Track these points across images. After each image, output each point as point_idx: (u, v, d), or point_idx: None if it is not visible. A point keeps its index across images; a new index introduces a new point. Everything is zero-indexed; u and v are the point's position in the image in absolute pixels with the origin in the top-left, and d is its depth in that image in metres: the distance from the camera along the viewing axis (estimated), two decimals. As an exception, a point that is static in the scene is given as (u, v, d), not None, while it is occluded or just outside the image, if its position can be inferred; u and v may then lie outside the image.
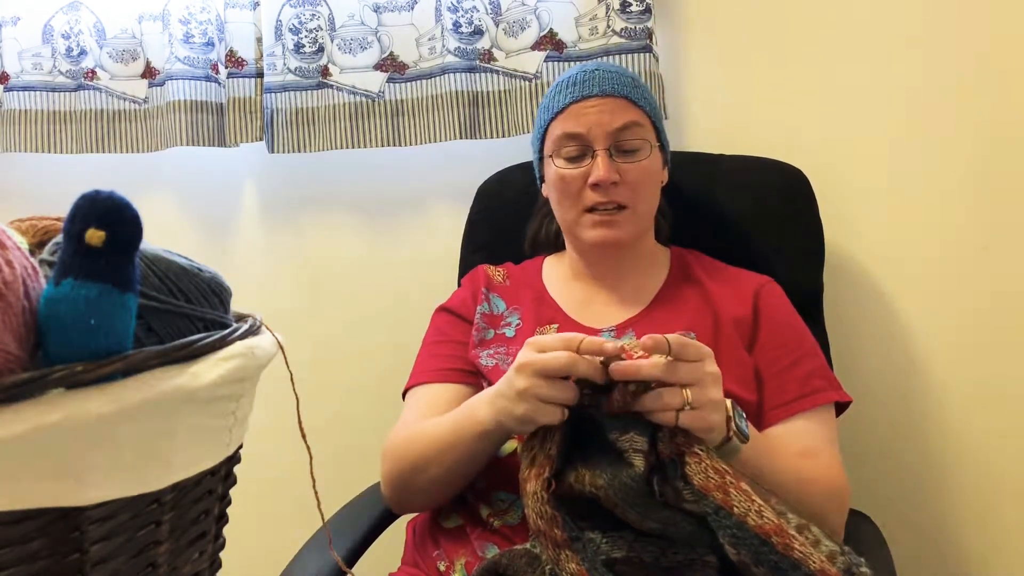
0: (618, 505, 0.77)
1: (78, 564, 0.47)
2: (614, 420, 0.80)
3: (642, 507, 0.77)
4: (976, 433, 1.32)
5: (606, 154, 1.05)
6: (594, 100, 1.06)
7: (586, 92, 1.07)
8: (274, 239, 1.61)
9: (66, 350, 0.46)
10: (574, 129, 1.06)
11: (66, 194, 0.49)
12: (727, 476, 0.75)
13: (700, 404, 0.79)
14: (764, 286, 1.10)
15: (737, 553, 0.73)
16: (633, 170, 1.06)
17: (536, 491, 0.77)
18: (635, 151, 1.07)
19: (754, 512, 0.73)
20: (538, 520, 0.76)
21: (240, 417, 0.56)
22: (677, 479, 0.76)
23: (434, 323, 1.17)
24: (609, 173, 1.04)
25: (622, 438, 0.78)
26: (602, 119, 1.06)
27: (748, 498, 0.73)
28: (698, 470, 0.75)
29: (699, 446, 0.77)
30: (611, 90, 1.07)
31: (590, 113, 1.06)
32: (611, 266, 1.12)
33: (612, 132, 1.05)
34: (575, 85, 1.08)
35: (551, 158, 1.09)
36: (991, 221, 1.28)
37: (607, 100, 1.07)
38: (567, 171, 1.07)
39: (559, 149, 1.08)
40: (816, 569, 0.70)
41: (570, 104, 1.07)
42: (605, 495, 0.77)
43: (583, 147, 1.06)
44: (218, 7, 1.49)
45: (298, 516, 0.93)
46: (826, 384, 1.03)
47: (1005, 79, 1.26)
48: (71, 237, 0.47)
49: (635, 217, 1.08)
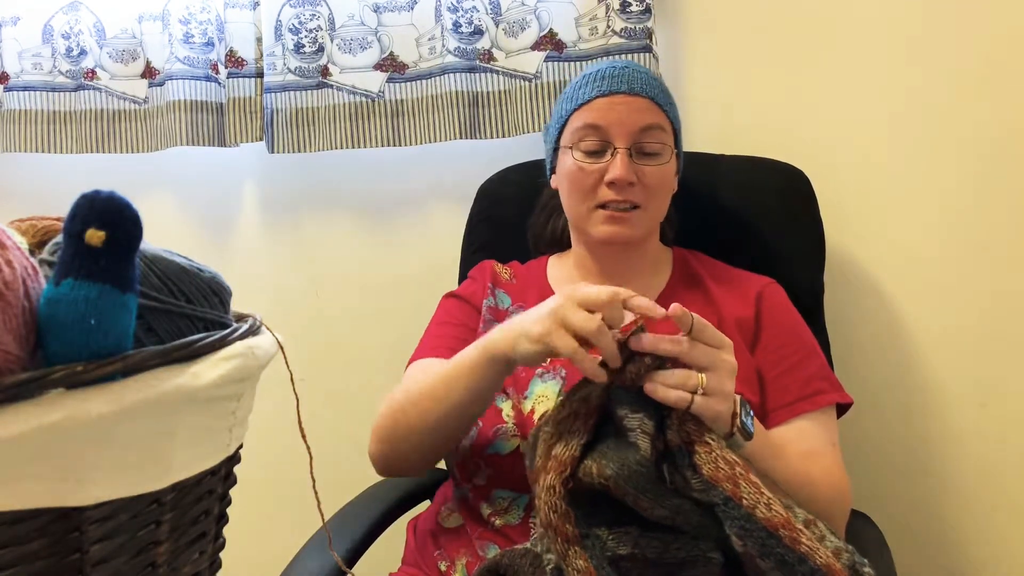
0: (629, 493, 0.75)
1: (78, 564, 0.47)
2: (625, 395, 0.78)
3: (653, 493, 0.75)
4: (976, 433, 1.32)
5: (626, 153, 1.04)
6: (621, 97, 1.05)
7: (615, 87, 1.06)
8: (274, 239, 1.61)
9: (66, 350, 0.46)
10: (598, 122, 1.05)
11: (66, 194, 0.49)
12: (737, 467, 0.74)
13: (712, 391, 0.77)
14: (767, 287, 1.10)
15: (743, 545, 0.72)
16: (652, 173, 1.05)
17: (553, 484, 0.76)
18: (655, 155, 1.06)
19: (763, 504, 0.72)
20: (551, 513, 0.75)
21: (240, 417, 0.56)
22: (686, 467, 0.75)
23: (442, 306, 1.17)
24: (627, 173, 1.03)
25: (632, 415, 0.77)
26: (628, 117, 1.04)
27: (757, 490, 0.73)
28: (708, 460, 0.74)
29: (710, 435, 0.76)
30: (640, 90, 1.06)
31: (617, 109, 1.05)
32: (616, 265, 1.12)
33: (636, 132, 1.04)
34: (604, 79, 1.07)
35: (569, 149, 1.07)
36: (991, 221, 1.28)
37: (635, 99, 1.05)
38: (585, 164, 1.05)
39: (579, 141, 1.06)
40: (822, 564, 0.70)
41: (596, 97, 1.06)
42: (615, 484, 0.75)
43: (603, 142, 1.05)
44: (218, 7, 1.49)
45: (298, 516, 0.93)
46: (828, 386, 1.03)
47: (1005, 79, 1.26)
48: (71, 237, 0.46)
49: (647, 219, 1.07)
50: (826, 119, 1.34)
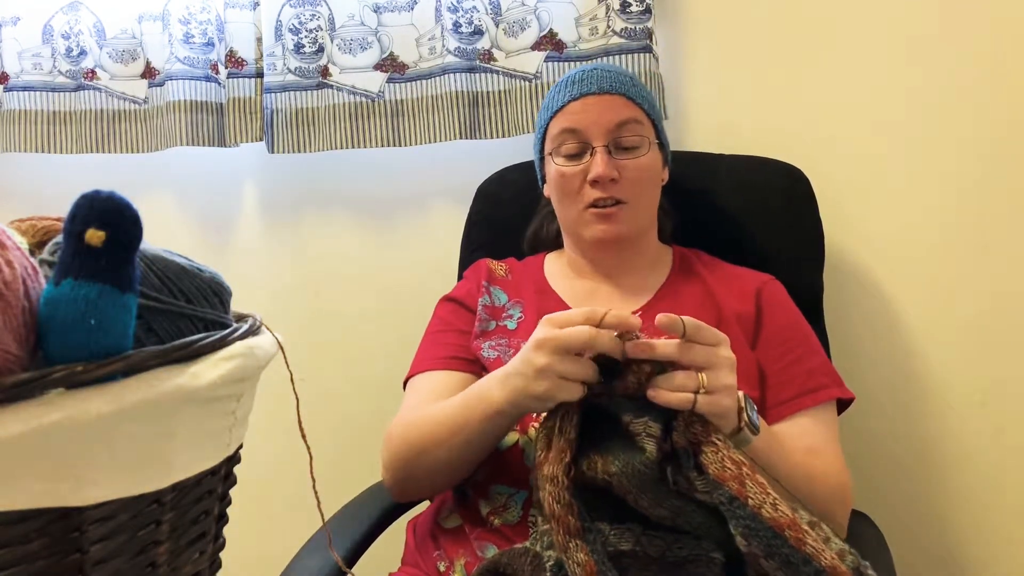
0: (631, 492, 0.76)
1: (78, 564, 0.47)
2: (629, 402, 0.78)
3: (654, 493, 0.76)
4: (976, 433, 1.32)
5: (604, 151, 1.06)
6: (592, 98, 1.08)
7: (584, 90, 1.08)
8: (274, 239, 1.61)
9: (66, 350, 0.46)
10: (574, 125, 1.07)
11: (66, 194, 0.49)
12: (743, 467, 0.74)
13: (715, 388, 0.77)
14: (767, 283, 1.10)
15: (748, 544, 0.72)
16: (632, 167, 1.07)
17: (556, 475, 0.76)
18: (634, 148, 1.07)
19: (769, 504, 0.72)
20: (555, 504, 0.75)
21: (240, 417, 0.56)
22: (690, 469, 0.75)
23: (437, 313, 1.17)
24: (607, 169, 1.05)
25: (636, 421, 0.77)
26: (600, 116, 1.06)
27: (763, 490, 0.73)
28: (714, 459, 0.74)
29: (716, 435, 0.76)
30: (609, 88, 1.08)
31: (589, 110, 1.07)
32: (612, 263, 1.12)
33: (610, 129, 1.06)
34: (574, 84, 1.10)
35: (551, 156, 1.10)
36: (991, 221, 1.28)
37: (605, 97, 1.08)
38: (567, 168, 1.08)
39: (558, 147, 1.09)
40: (827, 565, 0.70)
41: (569, 102, 1.09)
42: (618, 482, 0.76)
43: (582, 144, 1.07)
44: (218, 7, 1.49)
45: (298, 516, 0.93)
46: (829, 381, 1.03)
47: (1006, 79, 1.26)
48: (71, 237, 0.46)
49: (634, 213, 1.08)
50: (826, 119, 1.34)
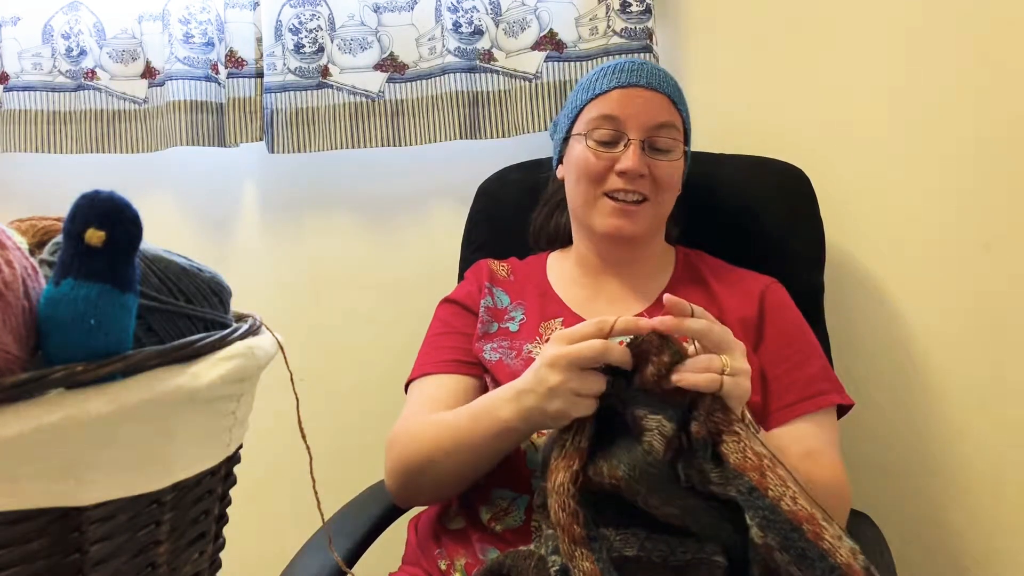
0: (640, 492, 0.75)
1: (78, 564, 0.47)
2: (645, 397, 0.78)
3: (665, 491, 0.75)
4: (976, 433, 1.32)
5: (639, 145, 1.05)
6: (639, 90, 1.07)
7: (634, 80, 1.07)
8: (274, 239, 1.61)
9: (66, 350, 0.46)
10: (614, 112, 1.06)
11: (66, 194, 0.49)
12: (764, 459, 0.74)
13: (736, 371, 0.78)
14: (769, 287, 1.10)
15: (764, 536, 0.71)
16: (663, 167, 1.06)
17: (564, 483, 0.76)
18: (667, 151, 1.07)
19: (788, 497, 0.72)
20: (560, 512, 0.75)
21: (240, 417, 0.56)
22: (706, 460, 0.75)
23: (438, 315, 1.17)
24: (640, 164, 1.04)
25: (651, 416, 0.76)
26: (644, 110, 1.06)
27: (783, 483, 0.73)
28: (735, 448, 0.74)
29: (738, 424, 0.76)
30: (657, 85, 1.07)
31: (633, 101, 1.06)
32: (618, 260, 1.12)
33: (651, 126, 1.06)
34: (623, 72, 1.08)
35: (582, 136, 1.08)
36: (992, 221, 1.28)
37: (653, 94, 1.07)
38: (596, 152, 1.06)
39: (592, 130, 1.07)
40: (842, 563, 0.69)
41: (615, 88, 1.07)
42: (626, 484, 0.75)
43: (617, 133, 1.06)
44: (218, 7, 1.49)
45: (298, 516, 0.93)
46: (829, 387, 1.03)
47: (1006, 79, 1.26)
48: (71, 237, 0.47)
49: (653, 213, 1.08)
50: (826, 119, 1.34)
